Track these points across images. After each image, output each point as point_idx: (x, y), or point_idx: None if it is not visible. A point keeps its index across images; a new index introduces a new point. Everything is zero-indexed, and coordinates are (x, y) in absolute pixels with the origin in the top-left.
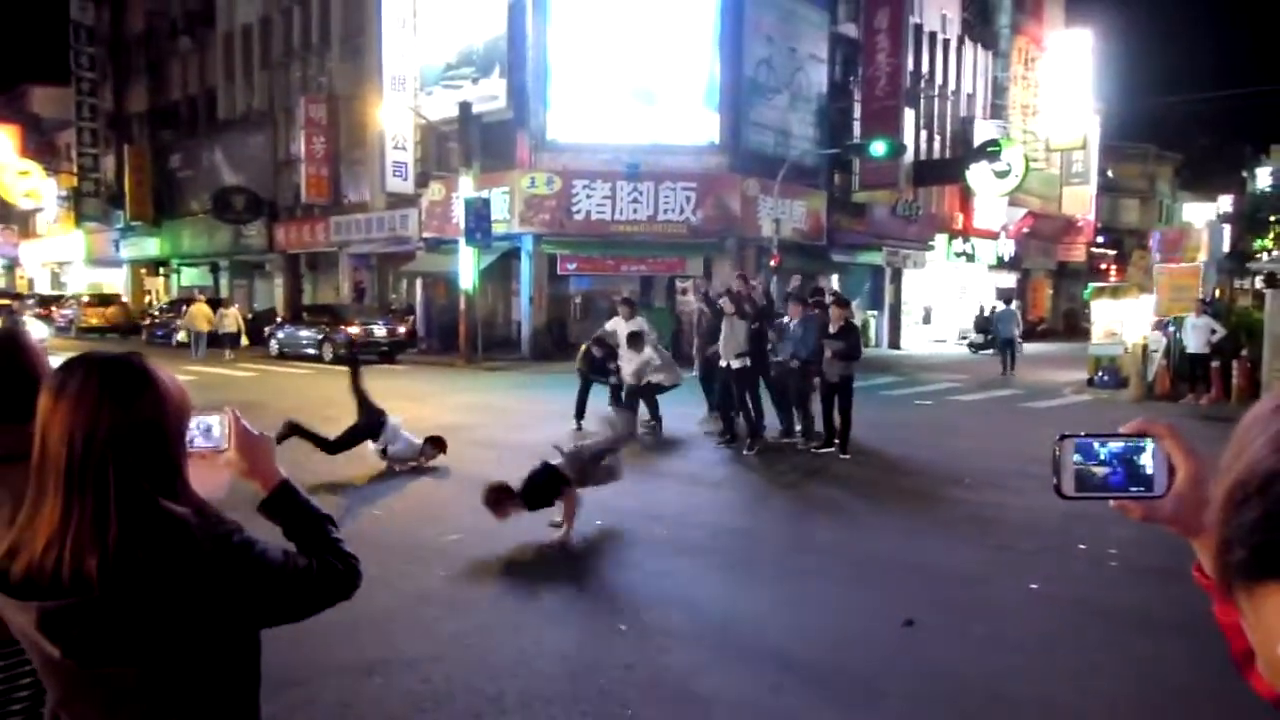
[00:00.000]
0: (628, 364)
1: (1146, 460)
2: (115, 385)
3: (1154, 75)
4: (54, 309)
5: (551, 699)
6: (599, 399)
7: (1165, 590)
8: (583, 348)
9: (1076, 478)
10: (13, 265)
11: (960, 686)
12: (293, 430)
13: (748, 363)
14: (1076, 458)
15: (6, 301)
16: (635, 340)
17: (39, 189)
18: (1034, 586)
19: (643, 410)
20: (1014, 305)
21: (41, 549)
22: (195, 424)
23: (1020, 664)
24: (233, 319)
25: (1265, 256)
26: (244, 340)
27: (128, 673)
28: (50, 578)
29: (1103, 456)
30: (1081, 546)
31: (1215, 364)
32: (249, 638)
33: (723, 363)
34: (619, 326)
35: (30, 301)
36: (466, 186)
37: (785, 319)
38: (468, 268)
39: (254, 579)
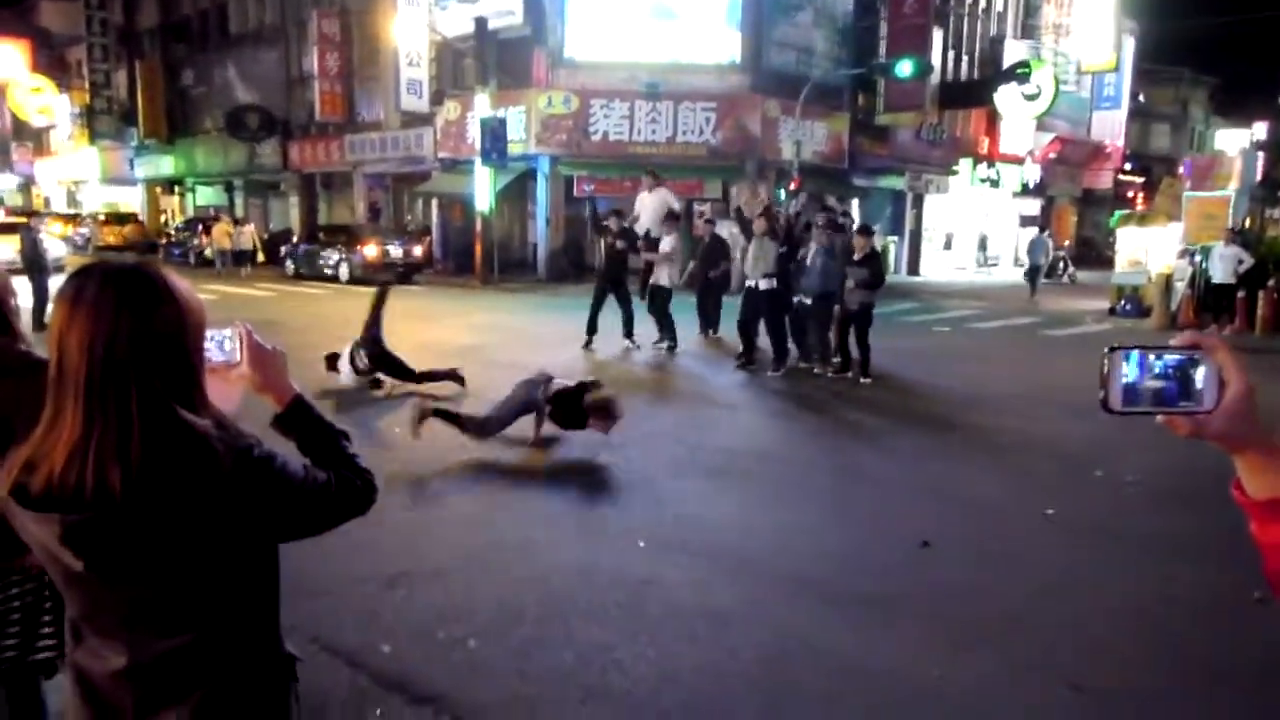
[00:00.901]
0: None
1: (1198, 375)
2: (134, 294)
3: None
4: (71, 226)
5: (570, 611)
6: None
7: (1181, 516)
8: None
9: (1125, 392)
10: (29, 183)
11: (975, 608)
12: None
13: (774, 284)
14: (1126, 371)
15: (23, 219)
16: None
17: (51, 105)
18: (1050, 511)
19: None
20: (1046, 234)
21: (63, 462)
22: (209, 338)
23: (1035, 587)
24: (249, 237)
25: None
26: (260, 257)
27: (149, 585)
28: (73, 491)
29: (1156, 370)
30: (1098, 473)
31: (1241, 294)
32: (268, 551)
33: (750, 283)
34: (643, 203)
35: (47, 219)
36: (483, 105)
37: (807, 251)
38: (484, 188)
39: (275, 492)
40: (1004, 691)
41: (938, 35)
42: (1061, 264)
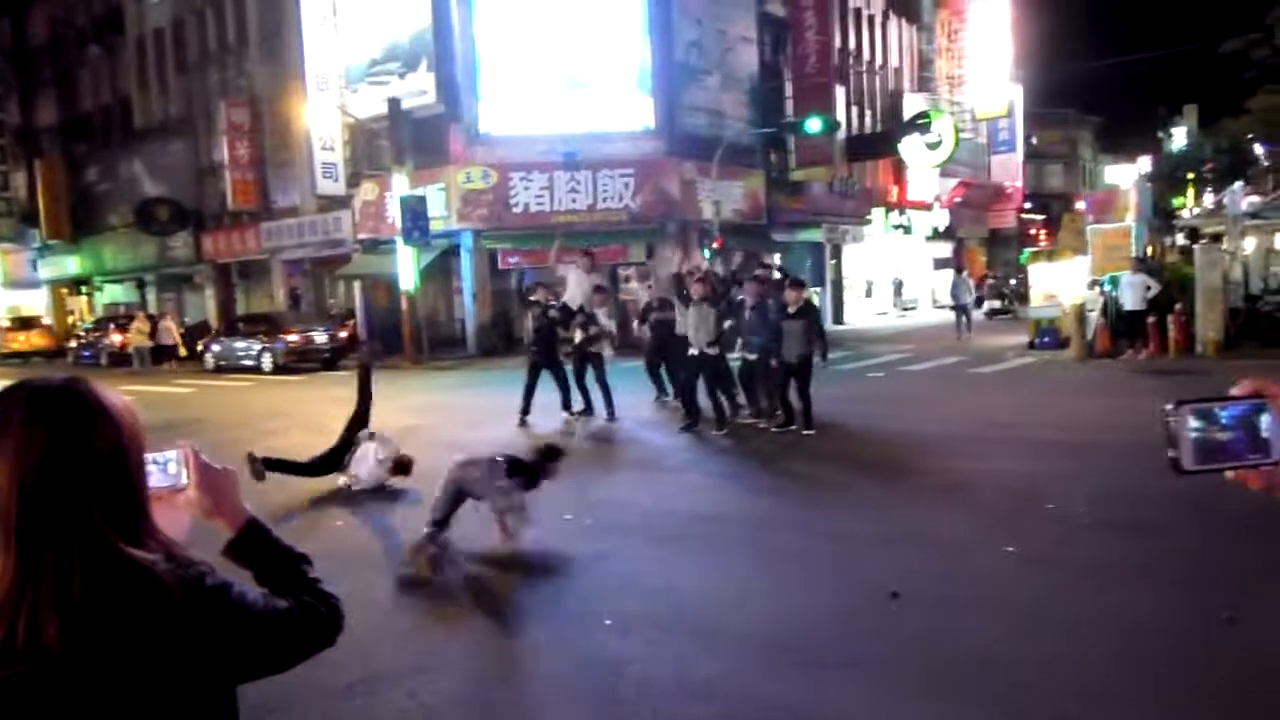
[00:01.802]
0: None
1: (1263, 423)
2: (64, 417)
3: (1072, 41)
4: None
5: (544, 704)
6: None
7: (1138, 542)
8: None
9: (1196, 449)
10: None
11: (951, 654)
12: (266, 465)
13: (717, 350)
14: (1195, 425)
15: None
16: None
17: None
18: (1011, 549)
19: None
20: (964, 274)
21: None
22: (151, 461)
23: (1007, 627)
24: (171, 332)
25: (1186, 213)
26: (182, 351)
27: None
28: (3, 645)
29: (1222, 421)
30: (1050, 506)
31: (1151, 319)
32: (226, 695)
33: (694, 350)
34: (580, 283)
35: None
36: (401, 184)
37: (741, 299)
38: (407, 267)
39: (232, 626)
40: None
41: (840, 92)
42: (1001, 297)
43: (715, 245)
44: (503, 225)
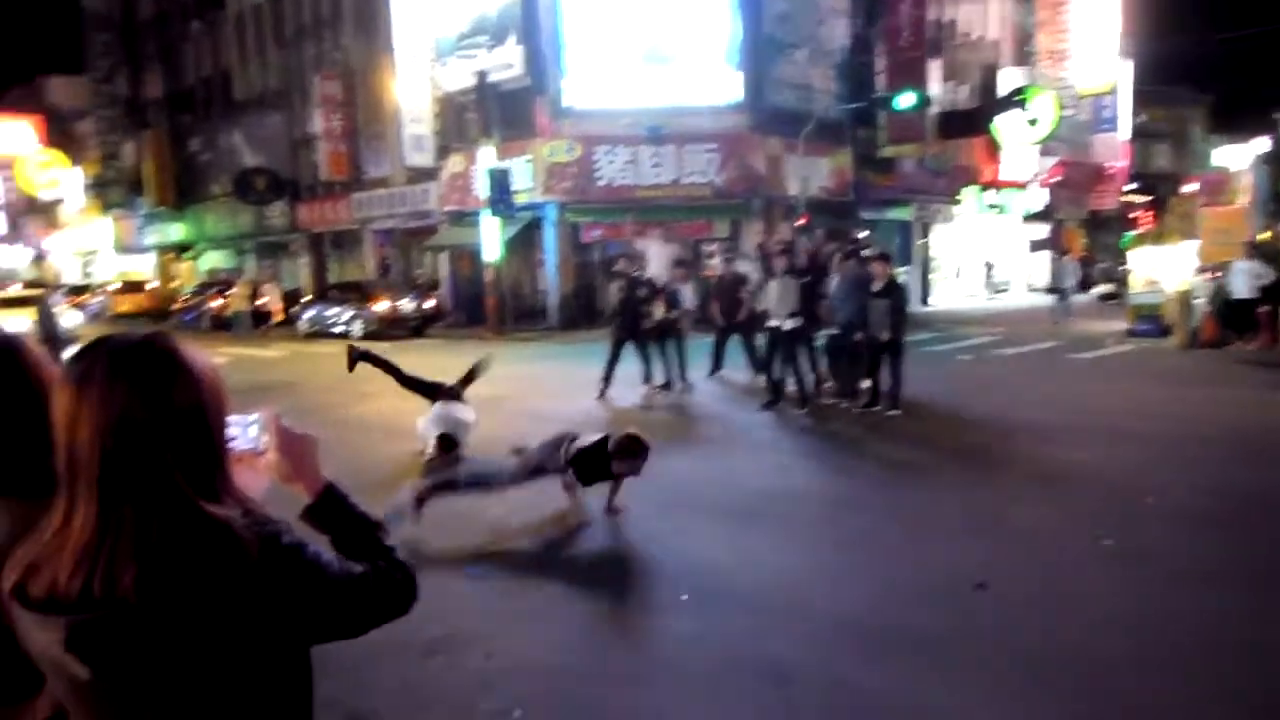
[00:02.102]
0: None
1: None
2: (146, 372)
3: (1184, 14)
4: (84, 297)
5: (617, 674)
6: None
7: (1241, 540)
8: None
9: None
10: (41, 257)
11: (1039, 650)
12: (362, 356)
13: (800, 322)
14: None
15: (37, 291)
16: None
17: (58, 179)
18: (1107, 542)
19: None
20: (1068, 257)
21: (70, 567)
22: (233, 424)
23: (1099, 623)
24: (274, 296)
25: None
26: (279, 317)
27: (169, 694)
28: (79, 593)
29: None
30: (1149, 500)
31: (1264, 308)
32: (300, 656)
33: (773, 323)
34: (653, 252)
35: (60, 291)
36: (487, 157)
37: (831, 278)
38: (492, 239)
39: (306, 585)
40: None
41: (934, 66)
42: (1112, 281)
43: (801, 222)
44: (586, 198)
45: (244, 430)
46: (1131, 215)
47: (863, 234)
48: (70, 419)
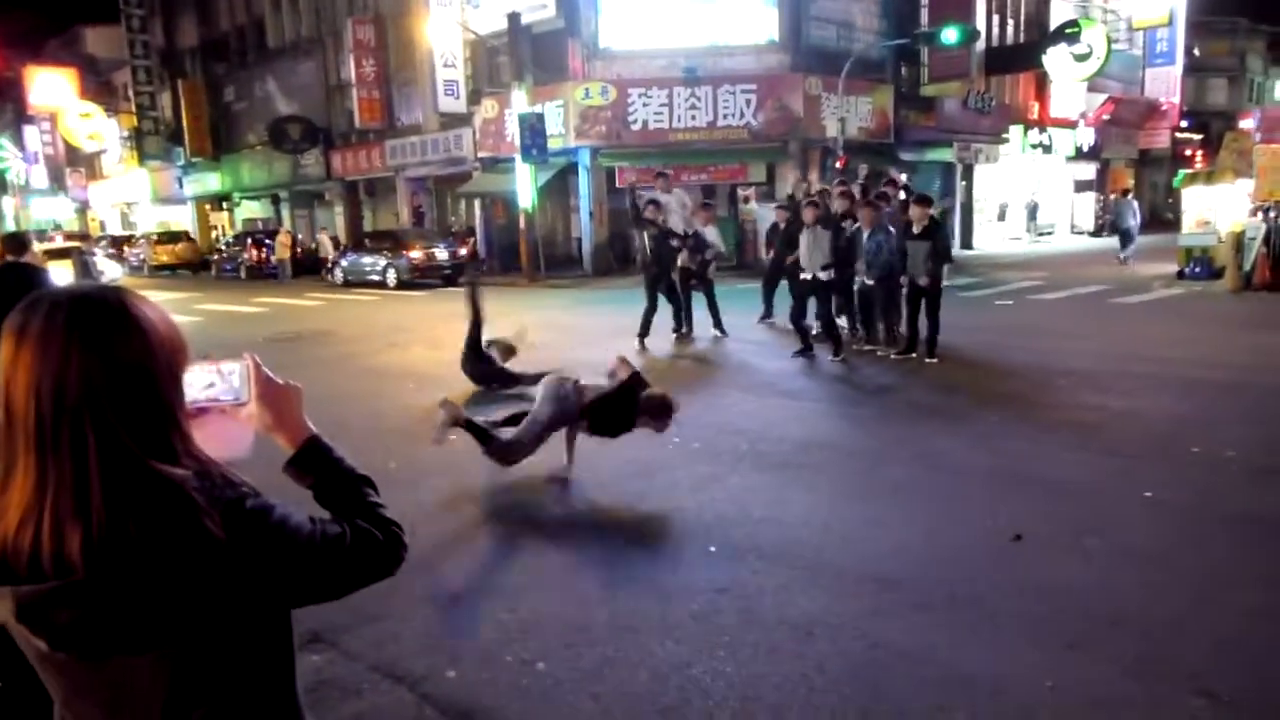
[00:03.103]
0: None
1: None
2: (88, 325)
3: None
4: (125, 248)
5: (642, 626)
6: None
7: None
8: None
9: None
10: (83, 208)
11: (1078, 606)
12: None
13: (832, 274)
14: None
15: (77, 243)
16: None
17: (101, 130)
18: (1148, 494)
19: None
20: (1129, 196)
21: (15, 525)
22: (213, 372)
23: (1142, 579)
24: (324, 244)
25: None
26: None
27: (132, 664)
28: (28, 559)
29: None
30: (1195, 449)
31: None
32: (276, 619)
33: (806, 275)
34: (680, 205)
35: (102, 242)
36: (520, 102)
37: (855, 226)
38: (525, 185)
39: (272, 551)
40: (1128, 702)
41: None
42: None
43: (839, 164)
44: (621, 143)
45: (225, 380)
46: (1186, 153)
47: (900, 176)
48: (8, 370)
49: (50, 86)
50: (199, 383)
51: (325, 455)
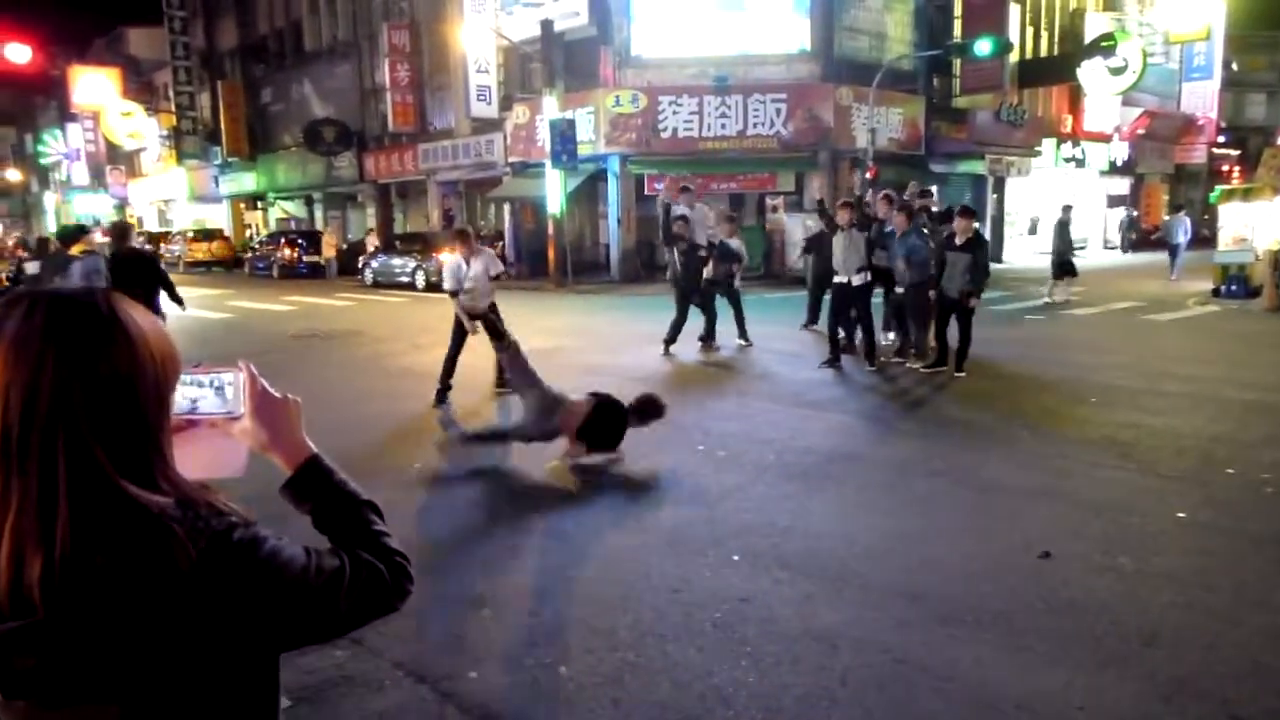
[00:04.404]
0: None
1: None
2: (68, 331)
3: None
4: (161, 244)
5: (665, 633)
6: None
7: None
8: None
9: None
10: (123, 205)
11: (1109, 625)
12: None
13: (869, 278)
14: None
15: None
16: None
17: (141, 129)
18: (1182, 515)
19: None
20: (1183, 213)
21: None
22: (205, 383)
23: (1175, 600)
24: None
25: None
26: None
27: (95, 713)
28: None
29: None
30: (1230, 470)
31: None
32: (262, 664)
33: (841, 278)
34: (703, 218)
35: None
36: (551, 108)
37: (889, 229)
38: (555, 191)
39: (261, 588)
40: None
41: (1015, 11)
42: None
43: (869, 175)
44: (650, 150)
45: (217, 390)
46: (1223, 169)
47: (932, 189)
48: None
49: (94, 86)
50: (188, 393)
51: (326, 478)
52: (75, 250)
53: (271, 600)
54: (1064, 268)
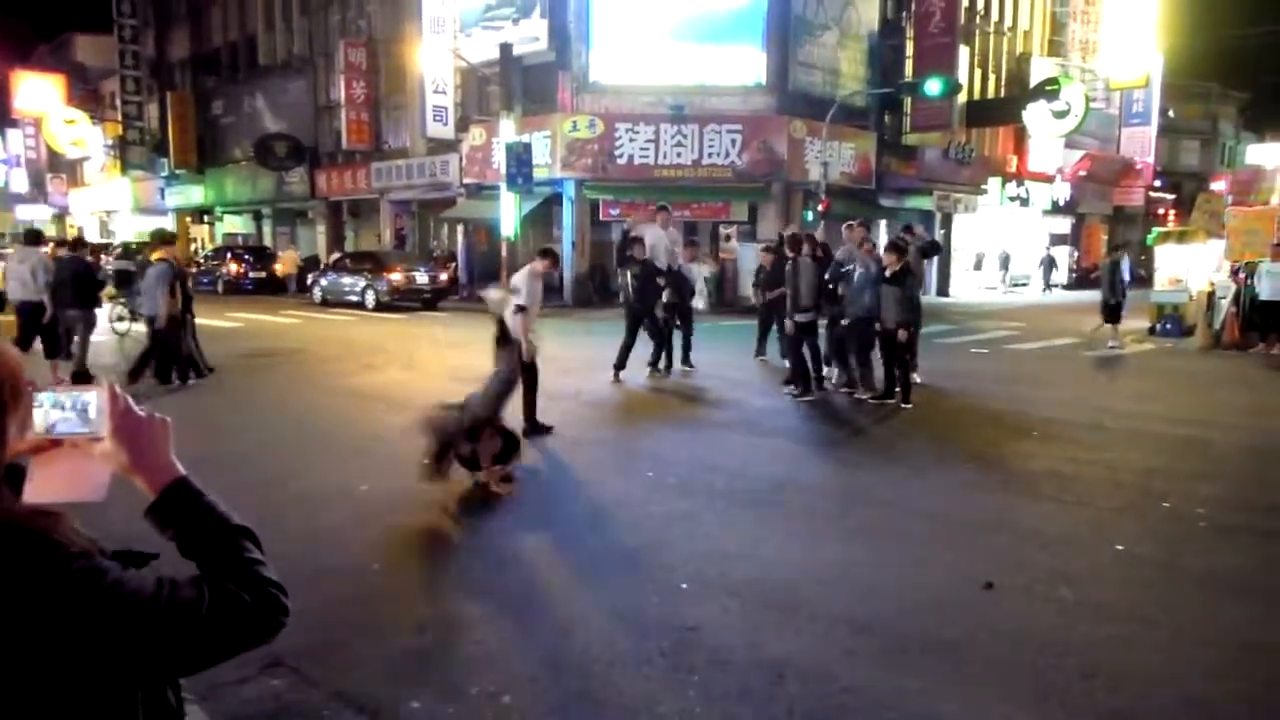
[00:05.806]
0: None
1: None
2: None
3: (1217, 10)
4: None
5: (612, 661)
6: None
7: (1261, 550)
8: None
9: None
10: (63, 214)
11: (1050, 656)
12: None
13: (813, 316)
14: None
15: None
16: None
17: (85, 137)
18: (1119, 547)
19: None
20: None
21: None
22: (65, 404)
23: (1113, 632)
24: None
25: None
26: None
27: None
28: None
29: None
30: (1166, 504)
31: None
32: (114, 696)
33: (800, 317)
34: (661, 239)
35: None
36: (507, 130)
37: (851, 268)
38: (509, 213)
39: (104, 621)
40: None
41: (964, 53)
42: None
43: (821, 208)
44: (606, 176)
45: (80, 411)
46: (1159, 212)
47: (919, 229)
48: None
49: (36, 91)
50: (48, 414)
51: (193, 502)
52: (153, 257)
53: (115, 632)
54: (1115, 311)
